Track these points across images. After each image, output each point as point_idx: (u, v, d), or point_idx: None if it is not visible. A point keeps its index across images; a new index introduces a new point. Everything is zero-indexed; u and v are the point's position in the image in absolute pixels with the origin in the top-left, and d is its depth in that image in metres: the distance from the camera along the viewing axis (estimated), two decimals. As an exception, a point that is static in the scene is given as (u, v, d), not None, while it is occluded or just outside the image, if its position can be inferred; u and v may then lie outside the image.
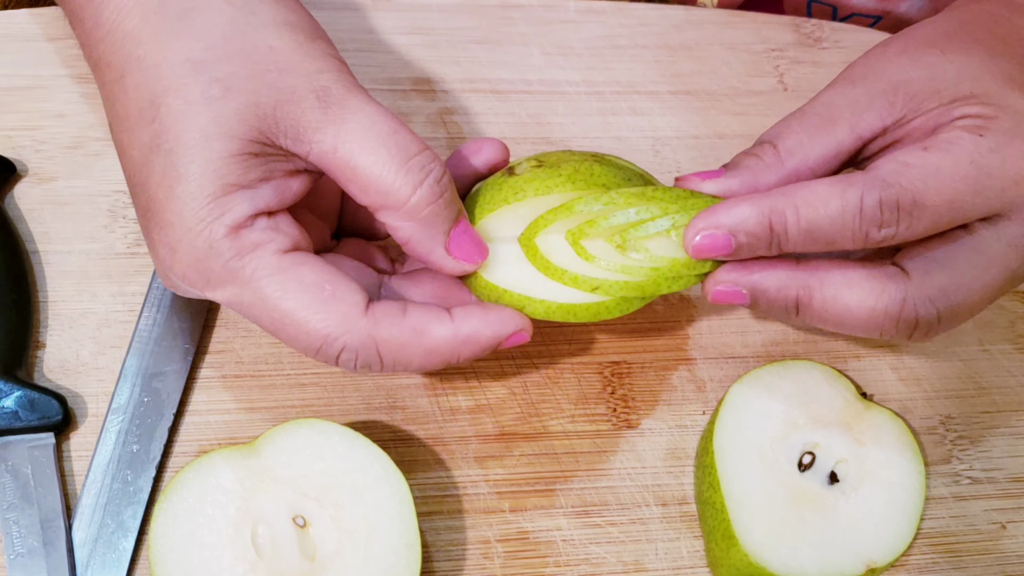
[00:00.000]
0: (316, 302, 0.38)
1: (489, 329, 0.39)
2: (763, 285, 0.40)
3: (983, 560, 0.46)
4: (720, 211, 0.39)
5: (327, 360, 0.39)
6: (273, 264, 0.38)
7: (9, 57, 0.52)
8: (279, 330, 0.38)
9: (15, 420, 0.42)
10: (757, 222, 0.38)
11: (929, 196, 0.38)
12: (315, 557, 0.39)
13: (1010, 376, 0.51)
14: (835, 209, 0.38)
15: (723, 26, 0.60)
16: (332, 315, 0.38)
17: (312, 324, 0.38)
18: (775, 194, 0.39)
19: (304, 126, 0.38)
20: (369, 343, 0.38)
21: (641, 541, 0.45)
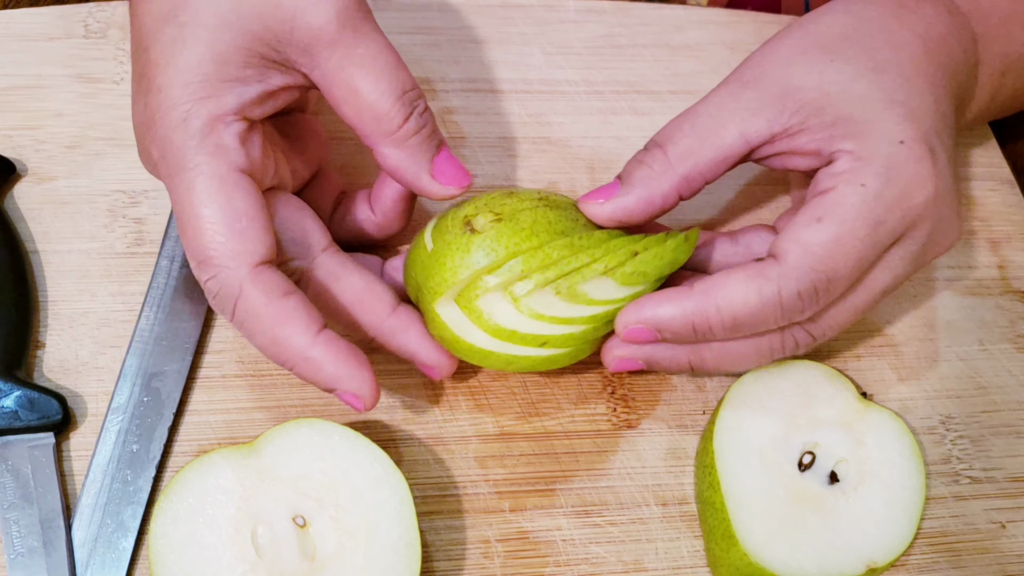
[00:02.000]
0: (224, 225, 0.38)
1: (332, 368, 0.39)
2: (655, 356, 0.43)
3: (983, 560, 0.46)
4: (646, 308, 0.41)
5: (196, 277, 0.39)
6: (219, 172, 0.39)
7: (9, 57, 0.52)
8: (183, 227, 0.39)
9: (15, 420, 0.42)
10: (681, 324, 0.41)
11: (839, 269, 0.41)
12: (315, 557, 0.39)
13: (1010, 376, 0.51)
14: (755, 306, 0.40)
15: (723, 26, 0.60)
16: (226, 245, 0.38)
17: (206, 239, 0.38)
18: (697, 294, 0.41)
19: (318, 40, 0.40)
20: (233, 292, 0.38)
21: (641, 541, 0.45)
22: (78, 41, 0.53)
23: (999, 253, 0.55)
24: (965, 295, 0.53)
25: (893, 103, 0.42)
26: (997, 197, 0.57)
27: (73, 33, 0.54)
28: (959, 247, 0.55)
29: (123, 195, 0.49)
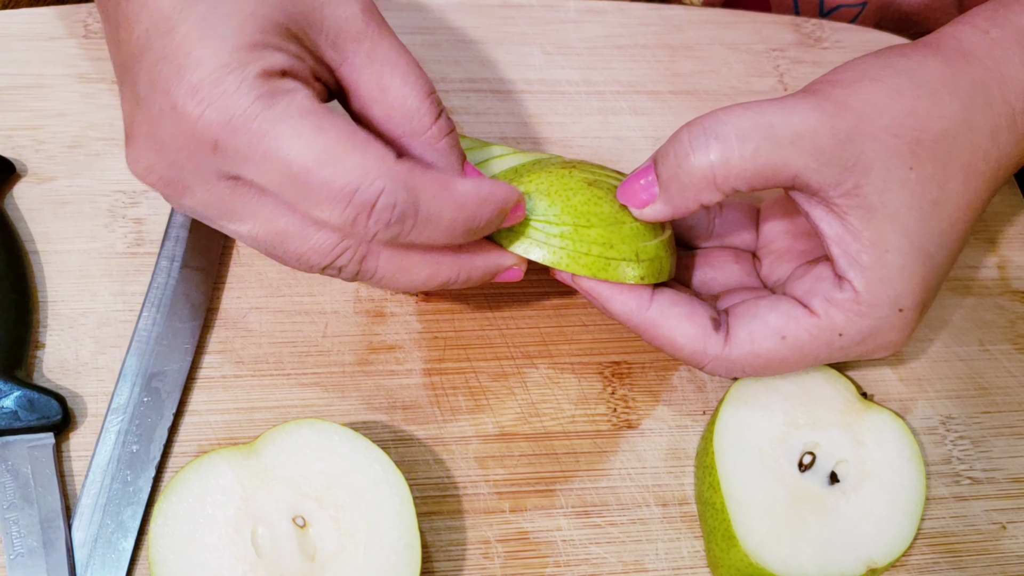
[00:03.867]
0: (351, 141, 0.35)
1: (501, 191, 0.39)
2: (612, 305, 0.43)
3: (983, 560, 0.46)
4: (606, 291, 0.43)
5: (359, 209, 0.35)
6: (307, 106, 0.36)
7: (9, 57, 0.52)
8: (302, 179, 0.35)
9: (15, 420, 0.42)
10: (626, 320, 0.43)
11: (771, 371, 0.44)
12: (315, 557, 0.39)
13: (1010, 376, 0.51)
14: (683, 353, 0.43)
15: (723, 26, 0.60)
16: (369, 154, 0.35)
17: (349, 162, 0.35)
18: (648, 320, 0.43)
19: (346, 32, 0.39)
20: (407, 185, 0.36)
21: (641, 541, 0.45)
22: (78, 41, 0.53)
23: (999, 253, 0.55)
24: (965, 295, 0.53)
25: (922, 257, 0.41)
26: (997, 197, 0.57)
27: (73, 33, 0.54)
28: (959, 247, 0.55)
29: (123, 195, 0.49)
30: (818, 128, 0.40)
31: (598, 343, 0.49)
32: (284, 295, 0.48)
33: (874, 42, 0.61)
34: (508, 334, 0.49)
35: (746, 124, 0.40)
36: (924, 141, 0.41)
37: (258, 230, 0.38)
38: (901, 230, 0.41)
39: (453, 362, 0.48)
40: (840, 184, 0.40)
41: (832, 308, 0.42)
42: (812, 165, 0.40)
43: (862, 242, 0.41)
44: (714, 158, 0.40)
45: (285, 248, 0.38)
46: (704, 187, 0.41)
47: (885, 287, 0.41)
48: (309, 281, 0.49)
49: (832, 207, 0.41)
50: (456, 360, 0.48)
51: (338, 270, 0.39)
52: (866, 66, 0.43)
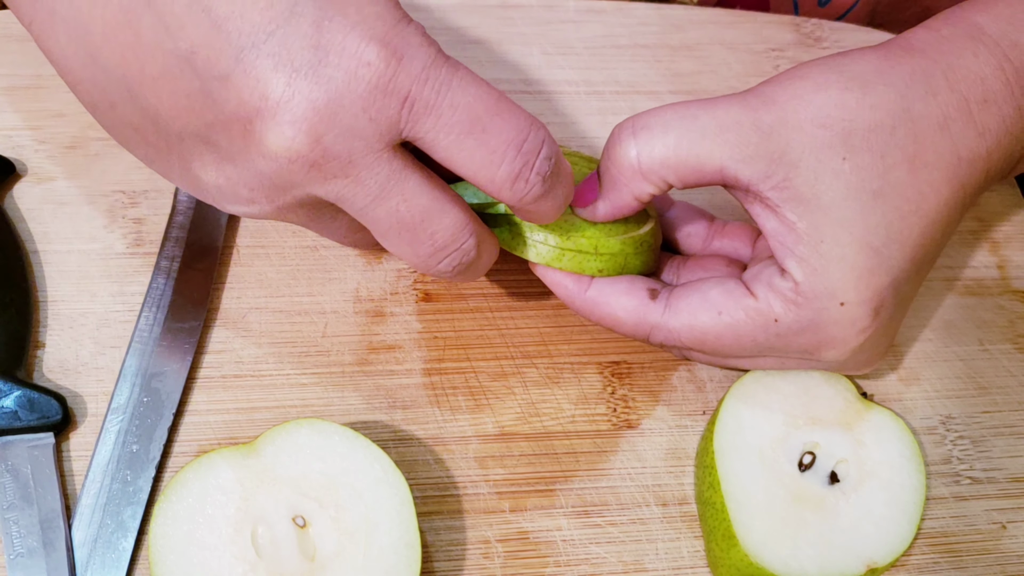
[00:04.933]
0: (510, 100, 0.37)
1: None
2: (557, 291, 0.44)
3: (983, 560, 0.46)
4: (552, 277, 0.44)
5: (527, 157, 0.36)
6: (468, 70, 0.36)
7: (9, 57, 0.52)
8: (482, 124, 0.36)
9: (15, 420, 0.42)
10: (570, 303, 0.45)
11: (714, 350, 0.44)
12: (315, 557, 0.39)
13: (1010, 376, 0.51)
14: (625, 325, 0.44)
15: (723, 26, 0.60)
16: (526, 112, 0.37)
17: (519, 113, 0.36)
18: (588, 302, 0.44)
19: None
20: (556, 144, 0.38)
21: (641, 541, 0.45)
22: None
23: (999, 253, 0.55)
24: (965, 295, 0.53)
25: (865, 249, 0.41)
26: (997, 197, 0.57)
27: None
28: (959, 247, 0.55)
29: (123, 195, 0.49)
30: (741, 120, 0.41)
31: (598, 343, 0.49)
32: (284, 295, 0.48)
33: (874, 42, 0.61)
34: (508, 334, 0.49)
35: (670, 116, 0.41)
36: (856, 131, 0.41)
37: (402, 209, 0.37)
38: (837, 221, 0.41)
39: (453, 362, 0.48)
40: (769, 177, 0.41)
41: (771, 293, 0.42)
42: (737, 156, 0.40)
43: (797, 233, 0.41)
44: (640, 147, 0.41)
45: (420, 230, 0.37)
46: (632, 177, 0.42)
47: (822, 278, 0.41)
48: (309, 281, 0.49)
49: (766, 202, 0.41)
50: (456, 360, 0.48)
51: (459, 259, 0.39)
52: (801, 67, 0.43)
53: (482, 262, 0.41)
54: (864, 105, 0.41)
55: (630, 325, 0.44)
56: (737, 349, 0.43)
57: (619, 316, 0.44)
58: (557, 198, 0.39)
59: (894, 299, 0.42)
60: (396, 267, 0.50)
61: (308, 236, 0.50)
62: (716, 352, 0.44)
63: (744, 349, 0.43)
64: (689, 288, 0.44)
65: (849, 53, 0.43)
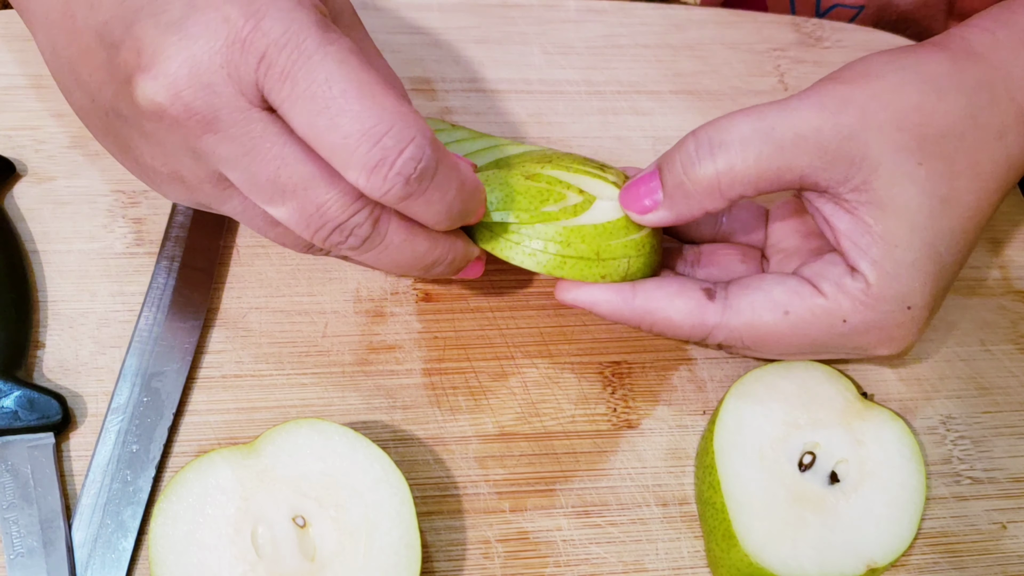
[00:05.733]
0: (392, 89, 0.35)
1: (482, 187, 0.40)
2: (599, 309, 0.44)
3: (984, 560, 0.46)
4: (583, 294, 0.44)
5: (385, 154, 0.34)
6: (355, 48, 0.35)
7: (9, 57, 0.52)
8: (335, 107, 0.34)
9: (15, 420, 0.42)
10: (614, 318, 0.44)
11: (767, 350, 0.44)
12: (315, 557, 0.39)
13: (1011, 376, 0.51)
14: (681, 331, 0.44)
15: (724, 25, 0.60)
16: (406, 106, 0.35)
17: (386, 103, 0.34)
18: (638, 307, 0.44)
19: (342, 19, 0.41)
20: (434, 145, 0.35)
21: (641, 541, 0.45)
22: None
23: (1000, 253, 0.55)
24: (967, 295, 0.53)
25: (932, 255, 0.41)
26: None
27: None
28: (960, 247, 0.55)
29: (123, 195, 0.49)
30: (821, 127, 0.40)
31: (598, 343, 0.49)
32: (284, 295, 0.48)
33: (874, 42, 0.61)
34: (508, 334, 0.49)
35: (747, 130, 0.40)
36: (930, 136, 0.41)
37: (282, 173, 0.36)
38: (911, 226, 0.41)
39: (453, 362, 0.48)
40: (848, 180, 0.41)
41: (841, 293, 0.42)
42: (817, 164, 0.40)
43: (872, 236, 0.41)
44: (719, 166, 0.41)
45: (305, 199, 0.36)
46: (710, 195, 0.41)
47: (895, 282, 0.41)
48: (309, 281, 0.49)
49: (842, 203, 0.41)
50: (456, 360, 0.48)
51: (348, 234, 0.37)
52: (869, 64, 0.43)
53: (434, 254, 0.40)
54: (939, 110, 0.41)
55: (687, 327, 0.43)
56: (796, 347, 0.44)
57: (675, 320, 0.43)
58: (432, 203, 0.36)
59: (942, 297, 0.44)
60: (396, 267, 0.50)
61: (308, 236, 0.50)
62: (772, 350, 0.44)
63: (803, 347, 0.44)
64: (748, 286, 0.44)
65: (917, 52, 0.43)
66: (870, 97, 0.41)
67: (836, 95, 0.41)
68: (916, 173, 0.41)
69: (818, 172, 0.41)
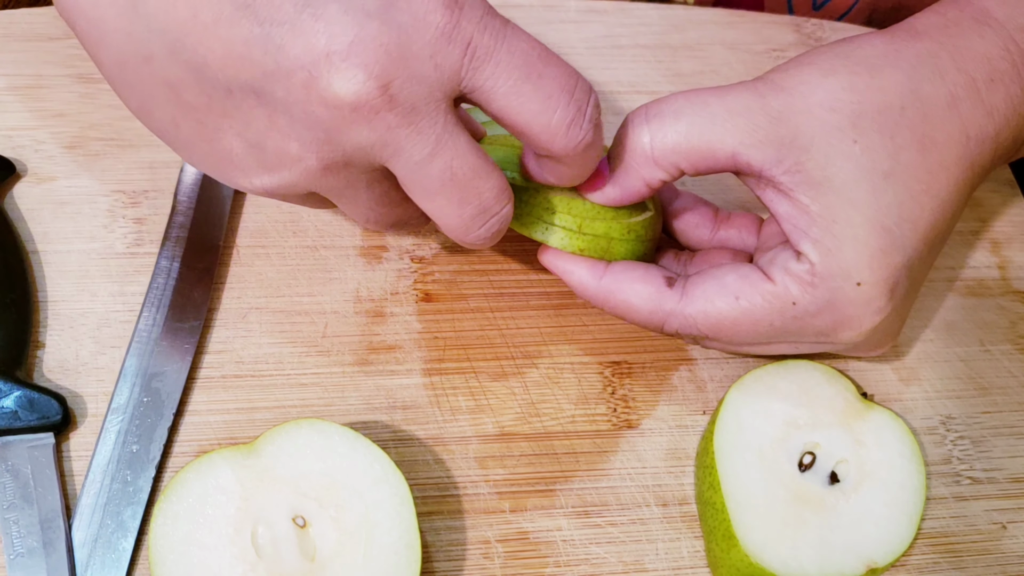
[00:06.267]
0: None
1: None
2: (569, 279, 0.44)
3: (983, 560, 0.46)
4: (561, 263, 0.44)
5: (580, 104, 0.37)
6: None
7: (9, 57, 0.52)
8: (539, 70, 0.36)
9: (15, 420, 0.42)
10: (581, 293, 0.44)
11: (724, 338, 0.44)
12: (315, 557, 0.39)
13: (1011, 376, 0.51)
14: (640, 316, 0.44)
15: (724, 26, 0.60)
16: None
17: (564, 62, 0.37)
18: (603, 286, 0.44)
19: None
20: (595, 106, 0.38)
21: (641, 541, 0.45)
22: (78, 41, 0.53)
23: (999, 253, 0.55)
24: (966, 295, 0.53)
25: (878, 229, 0.41)
26: (997, 198, 0.57)
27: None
28: (960, 247, 0.55)
29: (123, 195, 0.49)
30: (751, 106, 0.41)
31: (598, 343, 0.49)
32: (284, 295, 0.48)
33: (874, 42, 0.61)
34: (508, 334, 0.49)
35: (682, 103, 0.42)
36: (866, 113, 0.41)
37: (456, 164, 0.37)
38: (850, 202, 0.41)
39: (453, 362, 0.48)
40: (781, 161, 0.41)
41: (788, 277, 0.42)
42: (748, 142, 0.41)
43: (810, 216, 0.41)
44: (653, 134, 0.41)
45: (470, 188, 0.37)
46: (644, 163, 0.42)
47: (837, 258, 0.41)
48: (309, 281, 0.49)
49: (778, 186, 0.42)
50: (456, 360, 0.48)
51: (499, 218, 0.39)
52: (806, 55, 0.44)
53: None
54: (872, 87, 0.42)
55: (645, 313, 0.44)
56: (753, 335, 0.44)
57: (634, 303, 0.44)
58: (599, 149, 0.39)
59: (907, 278, 0.43)
60: (396, 267, 0.50)
61: (308, 236, 0.50)
62: (731, 339, 0.44)
63: (760, 335, 0.44)
64: (704, 275, 0.44)
65: (854, 39, 0.44)
66: (800, 82, 0.42)
67: (770, 81, 0.42)
68: (851, 150, 0.41)
69: (750, 151, 0.41)
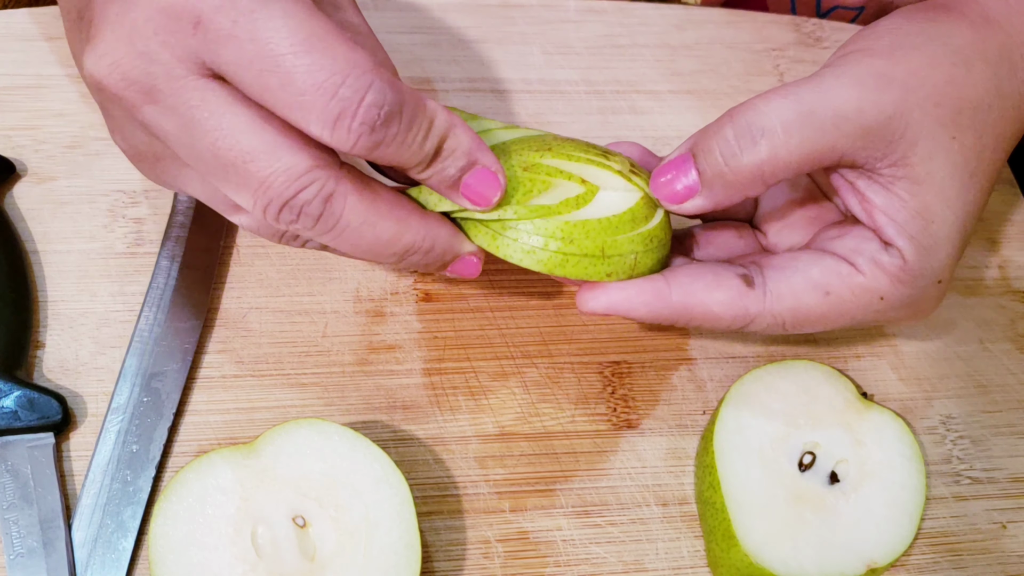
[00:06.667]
0: (342, 36, 0.33)
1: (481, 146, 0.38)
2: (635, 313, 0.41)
3: (983, 560, 0.46)
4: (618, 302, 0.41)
5: (345, 104, 0.33)
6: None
7: (9, 57, 0.52)
8: (286, 64, 0.32)
9: (15, 420, 0.42)
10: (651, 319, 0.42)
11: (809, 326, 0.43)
12: (315, 557, 0.39)
13: (1010, 375, 0.51)
14: (726, 322, 0.42)
15: (723, 25, 0.60)
16: (358, 51, 0.33)
17: (338, 51, 0.32)
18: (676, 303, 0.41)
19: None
20: (395, 86, 0.33)
21: (641, 541, 0.45)
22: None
23: (999, 253, 0.55)
24: (966, 295, 0.53)
25: (961, 228, 0.41)
26: (997, 197, 0.57)
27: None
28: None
29: (123, 195, 0.49)
30: (862, 107, 0.40)
31: (598, 343, 0.49)
32: (284, 295, 0.48)
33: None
34: (508, 334, 0.49)
35: (789, 115, 0.39)
36: (964, 110, 0.41)
37: (222, 145, 0.34)
38: (945, 201, 0.41)
39: (453, 362, 0.48)
40: (887, 156, 0.40)
41: (878, 270, 0.41)
42: (858, 144, 0.40)
43: (909, 211, 0.41)
44: (763, 155, 0.39)
45: (248, 174, 0.34)
46: (752, 183, 0.40)
47: (930, 257, 0.41)
48: (309, 281, 0.49)
49: (877, 177, 0.41)
50: (456, 360, 0.48)
51: (298, 213, 0.35)
52: (899, 33, 0.42)
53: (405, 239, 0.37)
54: (968, 83, 0.41)
55: (729, 319, 0.42)
56: (833, 325, 0.43)
57: (716, 312, 0.42)
58: (407, 145, 0.35)
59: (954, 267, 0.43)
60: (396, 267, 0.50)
61: (308, 236, 0.50)
62: (810, 329, 0.43)
63: (840, 324, 0.43)
64: (784, 269, 0.42)
65: (941, 20, 0.43)
66: (908, 73, 0.40)
67: (874, 70, 0.40)
68: (950, 147, 0.41)
69: (858, 151, 0.40)
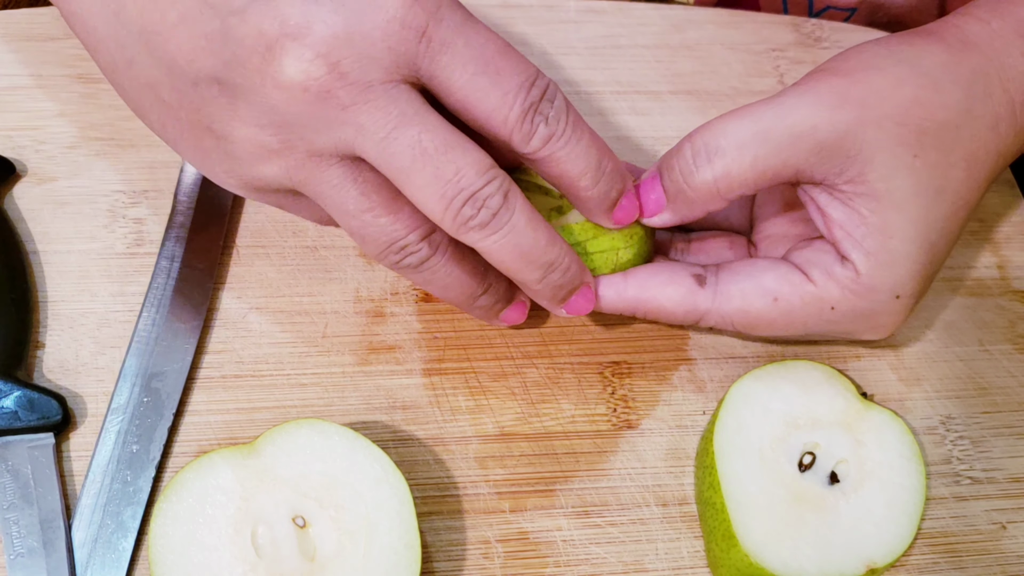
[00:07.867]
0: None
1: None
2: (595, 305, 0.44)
3: (983, 560, 0.46)
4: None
5: (538, 95, 0.38)
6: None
7: (9, 57, 0.52)
8: (496, 62, 0.37)
9: (15, 420, 0.42)
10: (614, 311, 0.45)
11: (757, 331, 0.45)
12: (315, 557, 0.39)
13: (1010, 376, 0.51)
14: (678, 317, 0.44)
15: (723, 26, 0.60)
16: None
17: (521, 56, 0.38)
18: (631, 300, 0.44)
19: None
20: (563, 100, 0.39)
21: (641, 541, 0.45)
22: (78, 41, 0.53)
23: (999, 253, 0.55)
24: (965, 295, 0.53)
25: (926, 245, 0.42)
26: (997, 198, 0.57)
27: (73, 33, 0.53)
28: (960, 247, 0.55)
29: (123, 195, 0.49)
30: (817, 124, 0.41)
31: (598, 343, 0.49)
32: (284, 295, 0.48)
33: (874, 42, 0.61)
34: (508, 334, 0.49)
35: (744, 134, 0.41)
36: (929, 130, 0.41)
37: (425, 136, 0.36)
38: (906, 218, 0.41)
39: (453, 362, 0.48)
40: (843, 172, 0.41)
41: (830, 281, 0.42)
42: (813, 160, 0.41)
43: (868, 227, 0.41)
44: (717, 172, 0.41)
45: (445, 163, 0.37)
46: (710, 199, 0.42)
47: (887, 273, 0.42)
48: (309, 281, 0.49)
49: (836, 193, 0.42)
50: (456, 360, 0.48)
51: (480, 206, 0.37)
52: (867, 55, 0.43)
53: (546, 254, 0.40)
54: (936, 104, 0.42)
55: (680, 314, 0.44)
56: (785, 331, 0.44)
57: (667, 307, 0.44)
58: (581, 147, 0.39)
59: (927, 285, 0.44)
60: (396, 267, 0.50)
61: (308, 236, 0.50)
62: (762, 333, 0.45)
63: (792, 331, 0.44)
64: (738, 272, 0.44)
65: (914, 42, 0.44)
66: (869, 92, 0.41)
67: (833, 89, 0.41)
68: (912, 165, 0.41)
69: (814, 167, 0.41)
